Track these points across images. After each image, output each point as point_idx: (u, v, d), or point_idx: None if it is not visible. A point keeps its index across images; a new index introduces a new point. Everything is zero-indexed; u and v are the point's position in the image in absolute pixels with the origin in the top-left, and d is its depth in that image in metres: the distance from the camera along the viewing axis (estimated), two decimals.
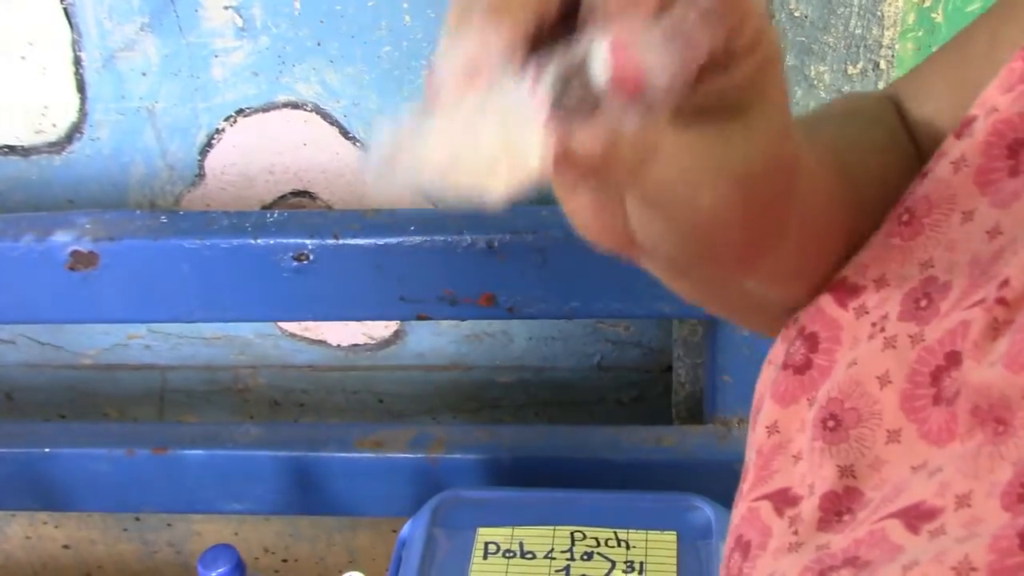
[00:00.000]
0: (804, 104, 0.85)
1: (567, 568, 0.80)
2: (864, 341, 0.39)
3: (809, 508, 0.37)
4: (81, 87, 1.02)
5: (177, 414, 1.23)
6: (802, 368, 0.41)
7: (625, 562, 0.80)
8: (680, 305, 0.90)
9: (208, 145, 1.04)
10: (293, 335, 1.15)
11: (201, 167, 1.06)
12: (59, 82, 1.02)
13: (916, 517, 0.32)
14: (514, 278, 0.90)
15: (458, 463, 1.00)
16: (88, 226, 0.94)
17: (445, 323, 1.11)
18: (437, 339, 1.13)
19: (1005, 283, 0.34)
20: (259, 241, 0.91)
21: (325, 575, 1.31)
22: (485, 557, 0.82)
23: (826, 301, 0.41)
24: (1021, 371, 0.31)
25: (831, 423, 0.38)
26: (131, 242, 0.93)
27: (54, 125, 1.04)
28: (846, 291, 0.41)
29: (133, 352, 1.19)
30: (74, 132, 1.04)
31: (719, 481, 0.95)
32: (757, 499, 0.40)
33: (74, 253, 0.93)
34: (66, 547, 1.34)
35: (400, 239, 0.89)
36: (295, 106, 1.01)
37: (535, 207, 0.97)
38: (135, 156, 1.06)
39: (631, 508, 0.86)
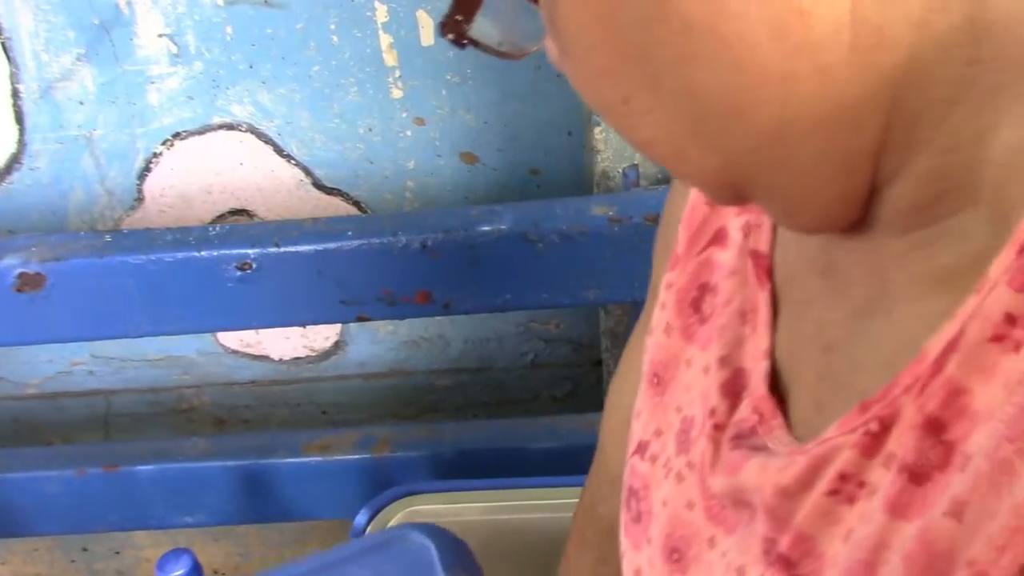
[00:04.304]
0: None
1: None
2: (663, 481, 0.48)
3: None
4: (19, 118, 1.05)
5: (123, 438, 1.25)
6: (637, 518, 0.50)
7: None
8: (607, 292, 0.96)
9: (146, 169, 1.08)
10: (236, 352, 1.19)
11: (140, 191, 1.09)
12: None
13: None
14: (448, 275, 0.95)
15: (403, 460, 1.04)
16: (34, 248, 0.96)
17: (384, 330, 1.16)
18: (376, 347, 1.17)
19: (714, 411, 0.45)
20: (203, 253, 0.95)
21: None
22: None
23: (635, 460, 0.52)
24: (734, 474, 0.41)
25: (675, 555, 0.46)
26: (77, 262, 0.96)
27: None
28: (642, 448, 0.51)
29: (77, 379, 1.21)
30: (13, 163, 1.07)
31: None
32: None
33: (21, 275, 0.96)
34: None
35: (338, 243, 0.94)
36: (230, 127, 1.06)
37: (465, 207, 1.02)
38: (74, 183, 1.09)
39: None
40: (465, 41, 0.38)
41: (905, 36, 0.32)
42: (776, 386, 0.42)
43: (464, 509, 0.91)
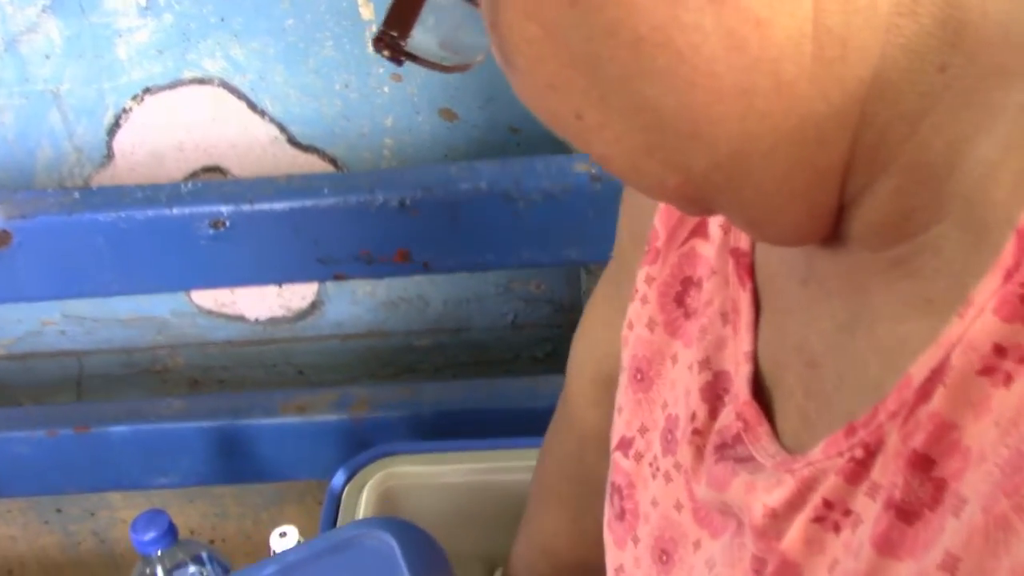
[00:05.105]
0: None
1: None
2: (651, 481, 0.48)
3: None
4: None
5: (96, 400, 1.23)
6: (621, 515, 0.50)
7: None
8: (588, 251, 0.95)
9: (116, 125, 1.05)
10: (210, 312, 1.17)
11: (109, 147, 1.06)
12: None
13: None
14: (427, 234, 0.94)
15: (381, 421, 1.03)
16: (0, 205, 0.94)
17: (362, 290, 1.14)
18: (354, 307, 1.16)
19: (694, 416, 0.44)
20: (174, 211, 0.93)
21: (253, 553, 1.32)
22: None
23: (617, 456, 0.51)
24: (721, 490, 0.41)
25: (664, 557, 0.46)
26: (44, 219, 0.94)
27: None
28: (625, 444, 0.51)
29: (48, 339, 1.19)
30: None
31: None
32: None
33: None
34: None
35: (315, 201, 0.92)
36: (201, 82, 1.03)
37: (445, 164, 1.01)
38: (41, 140, 1.06)
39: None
40: (402, 58, 0.35)
41: (872, 45, 0.30)
42: (759, 391, 0.41)
43: (442, 470, 0.91)
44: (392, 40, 0.35)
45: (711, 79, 0.30)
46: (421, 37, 0.35)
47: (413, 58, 0.36)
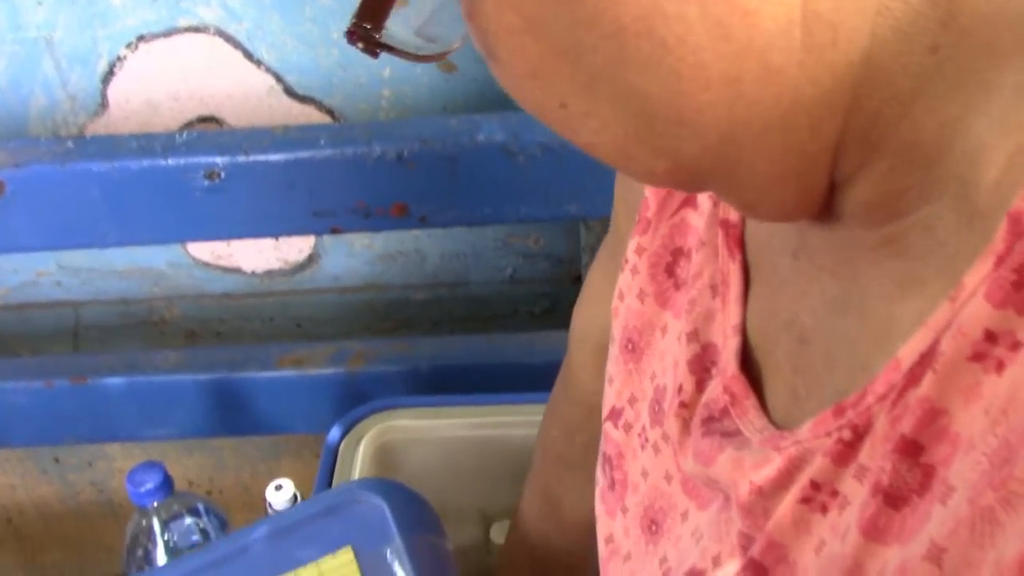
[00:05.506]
0: None
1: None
2: (640, 451, 0.48)
3: None
4: None
5: (92, 350, 1.23)
6: (611, 485, 0.50)
7: None
8: (587, 206, 0.94)
9: (110, 73, 1.04)
10: (207, 264, 1.16)
11: (104, 96, 1.05)
12: None
13: None
14: (425, 187, 0.93)
15: (378, 375, 1.03)
16: None
17: (359, 244, 1.13)
18: (351, 260, 1.15)
19: (681, 388, 0.44)
20: (169, 161, 0.92)
21: (251, 504, 1.33)
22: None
23: (608, 426, 0.51)
24: (707, 464, 0.40)
25: (653, 527, 0.47)
26: (38, 168, 0.93)
27: None
28: (615, 414, 0.51)
29: (44, 290, 1.18)
30: None
31: None
32: None
33: None
34: None
35: (311, 153, 0.91)
36: (197, 30, 1.01)
37: (443, 116, 0.99)
38: (34, 88, 1.04)
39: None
40: (377, 50, 0.34)
41: (862, 28, 0.29)
42: (747, 364, 0.41)
43: (439, 424, 0.91)
44: (365, 32, 0.34)
45: (697, 69, 0.29)
46: (395, 27, 0.34)
47: (389, 49, 0.35)
